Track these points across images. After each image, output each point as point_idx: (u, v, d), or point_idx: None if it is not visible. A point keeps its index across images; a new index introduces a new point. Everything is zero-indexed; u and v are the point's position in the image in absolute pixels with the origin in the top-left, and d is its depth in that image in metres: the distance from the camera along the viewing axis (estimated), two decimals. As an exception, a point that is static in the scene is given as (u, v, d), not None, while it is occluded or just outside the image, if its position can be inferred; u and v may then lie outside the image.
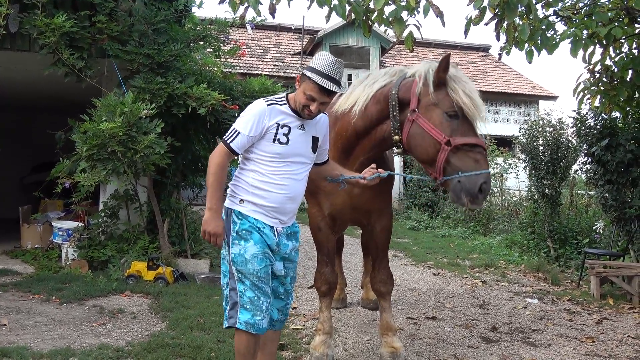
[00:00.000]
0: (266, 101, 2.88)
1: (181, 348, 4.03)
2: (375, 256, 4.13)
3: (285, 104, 2.91)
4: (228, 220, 2.87)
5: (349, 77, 17.32)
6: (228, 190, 2.94)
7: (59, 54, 6.14)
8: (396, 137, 3.43)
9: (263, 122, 2.81)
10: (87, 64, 6.35)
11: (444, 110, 3.19)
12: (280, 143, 2.83)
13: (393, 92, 3.40)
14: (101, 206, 7.19)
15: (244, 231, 2.81)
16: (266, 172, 2.85)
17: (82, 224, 7.26)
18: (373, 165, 3.19)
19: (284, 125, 2.85)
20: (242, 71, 15.18)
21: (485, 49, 22.54)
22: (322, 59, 2.84)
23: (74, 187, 6.44)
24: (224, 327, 2.89)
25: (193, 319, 4.77)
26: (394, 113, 3.38)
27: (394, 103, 3.39)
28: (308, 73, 2.81)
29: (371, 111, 3.49)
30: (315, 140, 3.00)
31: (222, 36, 7.54)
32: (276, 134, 2.82)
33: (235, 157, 2.94)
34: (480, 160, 3.13)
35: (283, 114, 2.87)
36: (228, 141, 2.82)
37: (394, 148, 3.61)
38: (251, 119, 2.81)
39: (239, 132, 2.81)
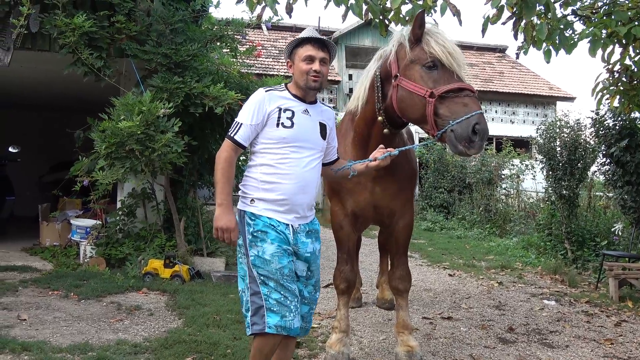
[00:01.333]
0: (265, 89, 2.86)
1: (197, 344, 4.06)
2: (394, 253, 4.09)
3: (284, 90, 2.88)
4: (242, 223, 2.77)
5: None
6: (239, 192, 2.85)
7: (79, 53, 6.23)
8: (380, 118, 3.49)
9: (264, 108, 2.76)
10: (105, 63, 6.43)
11: (422, 64, 3.20)
12: (285, 127, 2.75)
13: (377, 74, 3.49)
14: (119, 204, 7.26)
15: (259, 232, 2.70)
16: (273, 163, 2.75)
17: (100, 222, 7.33)
18: (381, 145, 3.07)
19: (286, 109, 2.78)
20: (258, 72, 15.23)
21: (501, 50, 22.41)
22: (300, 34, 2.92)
23: (92, 185, 6.53)
24: (247, 334, 2.77)
25: (209, 316, 4.80)
26: (378, 94, 3.46)
27: (378, 84, 3.47)
28: (293, 45, 2.87)
29: (370, 101, 3.57)
30: (323, 126, 2.91)
31: (239, 36, 7.60)
32: (279, 117, 2.75)
33: (243, 150, 2.83)
34: (469, 103, 3.03)
35: (284, 99, 2.82)
36: (232, 135, 2.76)
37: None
38: (251, 108, 2.77)
39: (241, 124, 2.76)
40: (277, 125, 2.74)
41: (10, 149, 9.57)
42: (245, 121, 2.75)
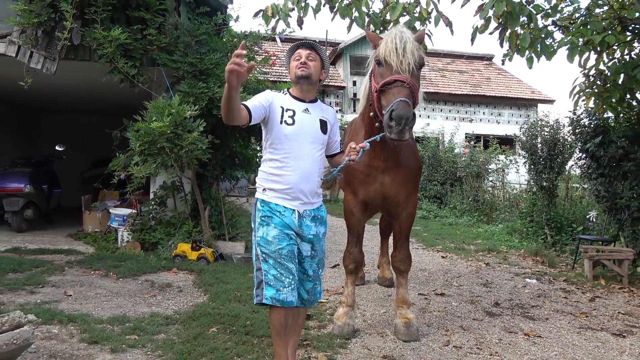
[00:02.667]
0: (270, 91, 2.92)
1: (221, 317, 4.08)
2: (398, 239, 4.05)
3: (286, 94, 2.92)
4: (254, 209, 2.85)
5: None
6: (256, 185, 2.90)
7: (115, 63, 6.25)
8: (371, 114, 3.47)
9: (270, 99, 2.81)
10: (139, 71, 6.45)
11: (376, 64, 3.24)
12: (287, 124, 2.78)
13: (369, 78, 3.49)
14: (151, 195, 7.30)
15: (265, 217, 2.77)
16: (279, 157, 2.79)
17: (135, 211, 7.38)
18: (352, 143, 2.90)
19: (288, 109, 2.82)
20: (272, 79, 15.20)
21: (489, 58, 22.23)
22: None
23: (128, 178, 6.56)
24: (254, 303, 2.83)
25: (231, 293, 4.82)
26: (371, 95, 3.45)
27: (368, 86, 3.49)
28: (289, 55, 2.96)
29: (367, 102, 3.60)
30: (323, 122, 2.91)
31: (256, 47, 7.59)
32: (282, 115, 2.79)
33: (249, 118, 2.66)
34: (395, 93, 3.01)
35: (286, 101, 2.87)
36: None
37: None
38: (259, 96, 2.83)
39: (249, 101, 2.76)
40: (281, 122, 2.78)
41: (57, 148, 9.64)
42: (253, 100, 2.77)
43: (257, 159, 6.48)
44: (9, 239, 7.35)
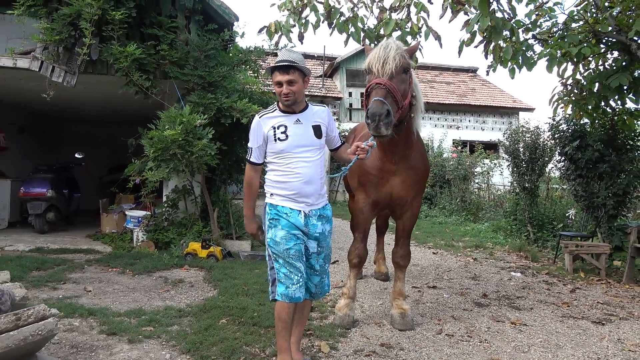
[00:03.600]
0: (259, 115, 2.84)
1: (230, 309, 4.06)
2: (399, 236, 4.01)
3: (275, 109, 2.85)
4: (264, 213, 2.85)
5: (362, 94, 17.22)
6: (265, 190, 2.91)
7: (131, 76, 6.25)
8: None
9: (261, 132, 2.79)
10: (152, 84, 6.45)
11: (366, 72, 3.28)
12: (281, 140, 2.75)
13: None
14: (164, 198, 7.28)
15: (273, 220, 2.78)
16: (281, 167, 2.79)
17: (150, 213, 7.36)
18: (358, 142, 2.94)
19: (280, 125, 2.77)
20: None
21: (473, 71, 22.27)
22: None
23: (143, 183, 6.55)
24: (269, 300, 2.82)
25: (239, 287, 4.80)
26: None
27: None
28: (269, 72, 2.86)
29: None
30: (316, 128, 2.84)
31: (260, 61, 7.60)
32: (275, 134, 2.76)
33: (261, 165, 2.89)
34: (373, 95, 3.04)
35: (275, 118, 2.80)
36: (248, 158, 2.86)
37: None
38: (253, 135, 2.82)
39: (252, 148, 2.84)
40: (275, 140, 2.76)
41: (77, 155, 9.63)
42: (253, 145, 2.83)
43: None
44: (33, 240, 7.32)
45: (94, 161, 11.40)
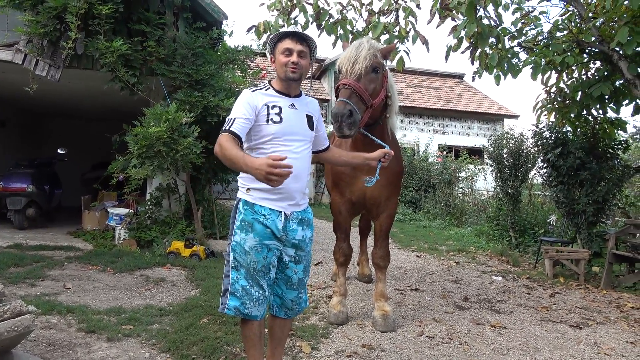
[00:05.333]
0: (250, 89, 2.44)
1: (211, 309, 4.02)
2: (378, 237, 4.05)
3: (269, 88, 2.46)
4: (235, 210, 2.42)
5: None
6: (238, 183, 2.48)
7: (116, 72, 6.19)
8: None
9: (253, 104, 2.34)
10: (138, 80, 6.39)
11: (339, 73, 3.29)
12: (274, 122, 2.35)
13: None
14: (148, 196, 7.21)
15: (246, 223, 2.35)
16: (267, 155, 2.22)
17: (132, 211, 7.28)
18: (384, 150, 2.82)
19: (274, 106, 2.39)
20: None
21: (460, 77, 22.49)
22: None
23: (126, 180, 6.48)
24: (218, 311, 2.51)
25: (221, 287, 4.75)
26: None
27: None
28: (275, 40, 2.46)
29: None
30: (309, 118, 2.52)
31: (248, 60, 7.58)
32: (268, 114, 2.36)
33: (239, 142, 2.27)
34: (339, 96, 3.05)
35: (269, 96, 2.41)
36: (227, 128, 2.27)
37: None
38: (242, 105, 2.34)
39: (234, 118, 2.30)
40: (267, 121, 2.36)
41: (59, 151, 9.47)
42: (238, 115, 2.30)
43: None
44: (11, 236, 7.18)
45: (77, 157, 11.22)
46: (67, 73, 6.60)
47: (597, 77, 6.16)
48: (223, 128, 2.29)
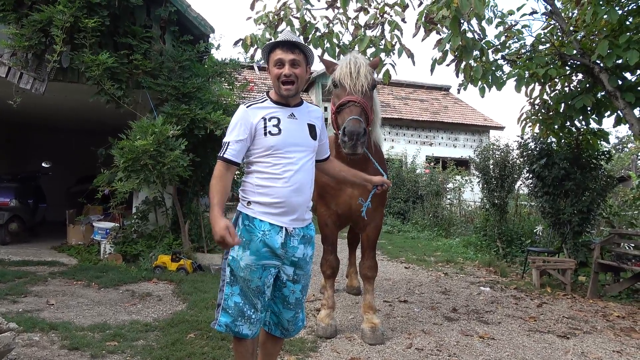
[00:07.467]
0: (245, 105, 2.35)
1: (198, 323, 3.98)
2: (365, 248, 4.04)
3: (266, 99, 2.37)
4: (236, 223, 2.31)
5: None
6: (239, 196, 2.38)
7: (102, 85, 6.17)
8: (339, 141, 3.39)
9: (249, 122, 2.26)
10: (125, 93, 6.37)
11: (333, 87, 3.29)
12: (272, 134, 2.25)
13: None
14: (134, 210, 7.14)
15: (244, 239, 2.25)
16: (267, 168, 2.26)
17: (118, 225, 7.20)
18: (383, 179, 2.82)
19: (271, 118, 2.28)
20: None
21: (446, 89, 22.77)
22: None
23: (112, 194, 6.41)
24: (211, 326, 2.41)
25: (208, 301, 4.71)
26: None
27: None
28: (267, 52, 2.37)
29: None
30: (311, 127, 2.39)
31: (235, 73, 7.60)
32: (265, 127, 2.26)
33: (237, 167, 2.28)
34: (348, 112, 3.05)
35: (266, 109, 2.31)
36: (221, 154, 2.25)
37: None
38: (236, 125, 2.27)
39: (228, 142, 2.25)
40: (265, 134, 2.26)
41: (44, 164, 9.37)
42: (232, 139, 2.25)
43: (235, 177, 6.42)
44: (-7, 251, 7.04)
45: (62, 171, 11.12)
46: (52, 86, 6.55)
47: (579, 89, 6.28)
48: (219, 154, 2.28)
